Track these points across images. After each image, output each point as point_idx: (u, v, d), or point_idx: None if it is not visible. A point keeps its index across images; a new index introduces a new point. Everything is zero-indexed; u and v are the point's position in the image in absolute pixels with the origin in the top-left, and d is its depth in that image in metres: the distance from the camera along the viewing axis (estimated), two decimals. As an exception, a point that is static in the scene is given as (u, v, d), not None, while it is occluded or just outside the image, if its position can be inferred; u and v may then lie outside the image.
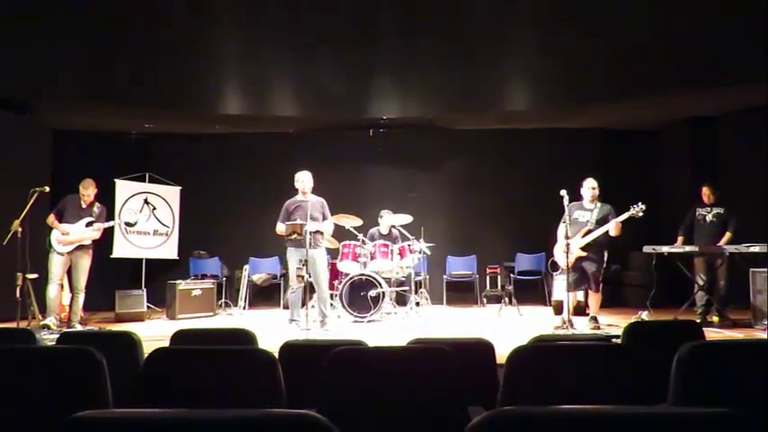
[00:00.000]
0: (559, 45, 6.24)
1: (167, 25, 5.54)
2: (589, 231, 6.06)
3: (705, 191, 6.81)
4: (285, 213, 6.25)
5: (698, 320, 5.95)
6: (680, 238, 6.85)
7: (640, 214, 5.95)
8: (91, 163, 7.89)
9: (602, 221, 6.06)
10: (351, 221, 7.78)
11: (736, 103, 7.91)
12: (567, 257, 5.90)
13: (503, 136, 9.42)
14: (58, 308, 6.44)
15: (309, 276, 6.02)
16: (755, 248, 6.02)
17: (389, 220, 7.84)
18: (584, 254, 6.06)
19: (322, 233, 6.35)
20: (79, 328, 6.32)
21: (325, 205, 6.38)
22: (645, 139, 9.52)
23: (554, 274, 7.07)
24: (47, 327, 6.06)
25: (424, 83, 7.66)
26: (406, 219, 7.84)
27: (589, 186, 6.22)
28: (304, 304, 6.06)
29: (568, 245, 5.89)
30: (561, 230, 6.20)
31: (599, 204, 6.20)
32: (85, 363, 1.84)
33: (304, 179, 6.27)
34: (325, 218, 6.33)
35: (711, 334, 5.60)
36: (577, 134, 9.38)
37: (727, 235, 6.53)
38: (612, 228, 5.96)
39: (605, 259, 6.20)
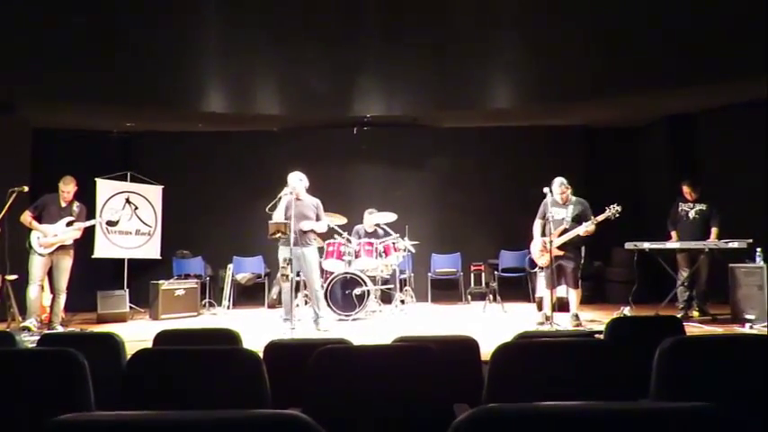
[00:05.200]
0: (543, 44, 6.28)
1: (150, 22, 5.47)
2: (565, 230, 6.10)
3: (686, 188, 6.90)
4: (281, 210, 6.14)
5: (679, 316, 6.04)
6: (673, 234, 6.92)
7: (616, 215, 6.01)
8: (71, 162, 7.76)
9: (578, 218, 6.11)
10: (335, 220, 7.77)
11: (714, 101, 8.03)
12: (551, 255, 5.95)
13: (487, 134, 9.47)
14: (39, 309, 6.35)
15: (298, 275, 5.98)
16: (734, 244, 6.11)
17: (374, 218, 7.84)
18: (561, 252, 6.10)
19: (315, 232, 6.30)
20: (60, 329, 6.24)
21: (320, 205, 6.30)
22: (627, 137, 9.63)
23: (532, 271, 7.12)
24: (27, 329, 5.97)
25: (408, 81, 7.67)
26: (391, 217, 7.85)
27: (557, 188, 6.24)
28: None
29: (551, 242, 5.95)
30: (537, 228, 6.28)
31: (573, 200, 6.25)
32: (67, 365, 1.82)
33: (291, 182, 6.11)
34: (318, 218, 6.27)
35: (692, 329, 5.68)
36: (561, 132, 9.46)
37: (714, 230, 6.61)
38: (583, 231, 6.01)
39: (583, 256, 6.25)
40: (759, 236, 6.18)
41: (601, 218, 6.03)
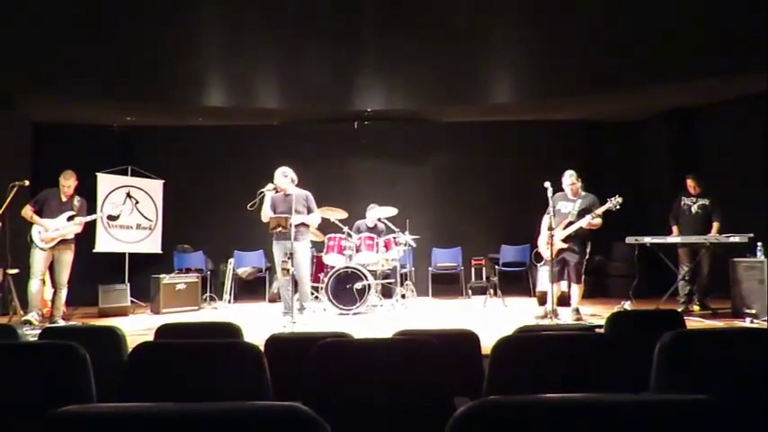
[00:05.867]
0: (544, 38, 6.27)
1: (149, 17, 5.46)
2: (570, 223, 6.11)
3: (690, 182, 6.90)
4: (272, 204, 6.21)
5: (680, 310, 6.04)
6: (674, 228, 6.92)
7: (617, 207, 6.00)
8: (72, 156, 7.76)
9: (584, 213, 6.11)
10: (336, 214, 7.78)
11: (715, 95, 8.02)
12: (552, 249, 5.94)
13: (487, 128, 9.46)
14: (40, 303, 6.36)
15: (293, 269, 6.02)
16: (735, 239, 6.11)
17: (375, 212, 7.85)
18: (565, 245, 6.10)
19: (307, 225, 6.32)
20: (62, 323, 6.25)
21: (310, 198, 6.31)
22: (627, 131, 9.61)
23: (538, 265, 7.12)
24: (28, 322, 5.99)
25: (408, 75, 7.65)
26: (392, 211, 7.85)
27: (567, 180, 6.26)
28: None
29: (552, 236, 5.94)
30: (545, 221, 6.27)
31: (583, 195, 6.25)
32: (68, 358, 1.83)
33: (276, 176, 6.14)
34: (310, 211, 6.27)
35: (692, 323, 5.68)
36: (561, 126, 9.45)
37: (716, 225, 6.61)
38: (585, 223, 6.01)
39: (588, 251, 6.24)
40: (760, 230, 6.18)
41: (601, 210, 6.03)
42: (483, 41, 6.38)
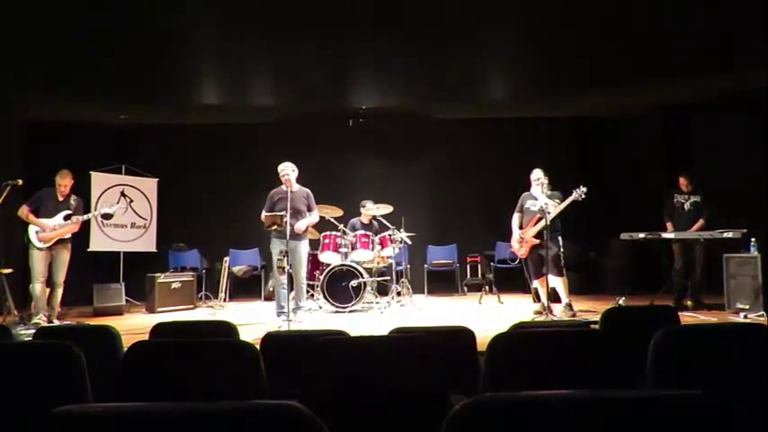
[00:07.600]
0: (537, 35, 6.27)
1: (142, 14, 5.44)
2: (538, 220, 6.16)
3: (682, 180, 6.95)
4: (269, 203, 6.19)
5: (673, 305, 6.06)
6: (668, 225, 6.95)
7: (582, 197, 6.05)
8: (65, 155, 7.73)
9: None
10: (331, 212, 7.77)
11: (708, 92, 8.04)
12: (527, 247, 6.01)
13: (482, 125, 9.47)
14: (46, 305, 6.28)
15: (290, 267, 6.01)
16: (729, 234, 6.14)
17: (370, 210, 7.85)
18: (537, 241, 6.16)
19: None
20: (57, 323, 6.22)
21: (311, 196, 6.31)
22: (620, 127, 9.63)
23: (512, 263, 7.11)
24: (37, 325, 5.93)
25: (403, 72, 7.64)
26: (387, 209, 7.85)
27: (536, 175, 6.35)
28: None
29: (524, 234, 6.03)
30: (515, 221, 6.38)
31: (549, 193, 6.26)
32: (64, 358, 1.82)
33: (285, 170, 6.16)
34: (310, 209, 6.28)
35: (686, 318, 5.71)
36: (555, 123, 9.46)
37: (700, 222, 6.67)
38: (552, 216, 6.06)
39: (560, 244, 6.26)
40: (754, 226, 6.21)
41: (567, 202, 6.07)
42: (478, 38, 6.38)
